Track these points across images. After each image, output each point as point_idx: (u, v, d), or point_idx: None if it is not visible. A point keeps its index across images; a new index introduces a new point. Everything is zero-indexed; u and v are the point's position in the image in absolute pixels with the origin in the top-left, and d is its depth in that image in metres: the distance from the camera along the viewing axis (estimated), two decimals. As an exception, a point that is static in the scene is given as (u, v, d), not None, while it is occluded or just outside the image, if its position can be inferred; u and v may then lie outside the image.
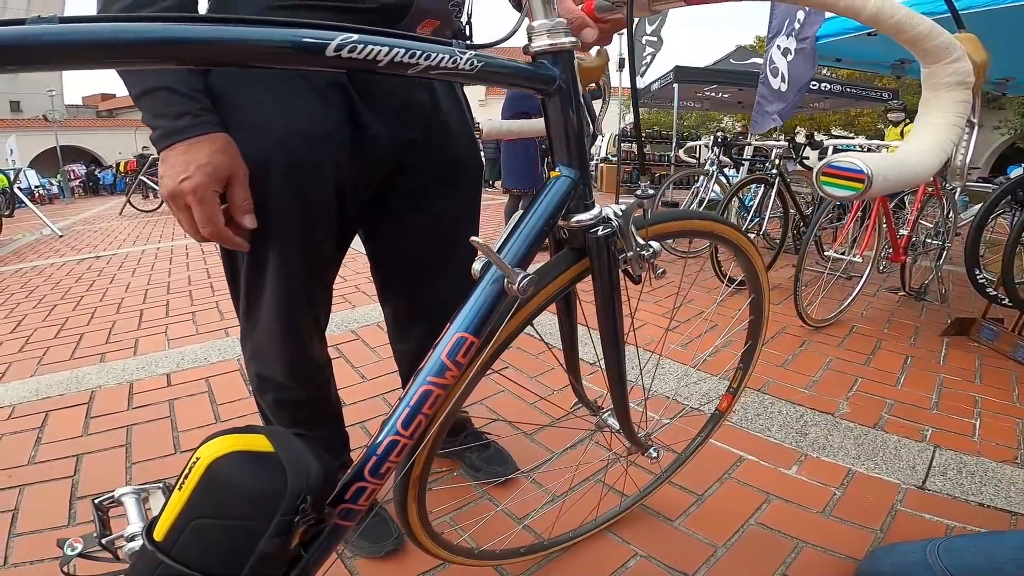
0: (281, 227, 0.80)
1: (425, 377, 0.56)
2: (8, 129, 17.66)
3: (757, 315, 1.05)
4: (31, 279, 3.89)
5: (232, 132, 0.73)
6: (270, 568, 0.49)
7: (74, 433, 1.60)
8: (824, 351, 2.08)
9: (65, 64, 0.35)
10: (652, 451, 0.99)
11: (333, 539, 0.57)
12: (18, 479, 1.36)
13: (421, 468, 0.68)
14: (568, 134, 0.61)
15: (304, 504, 0.47)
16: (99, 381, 1.97)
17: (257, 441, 0.49)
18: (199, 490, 0.46)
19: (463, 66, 0.50)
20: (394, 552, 1.08)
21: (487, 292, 0.57)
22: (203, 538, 0.47)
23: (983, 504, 1.21)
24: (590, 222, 0.64)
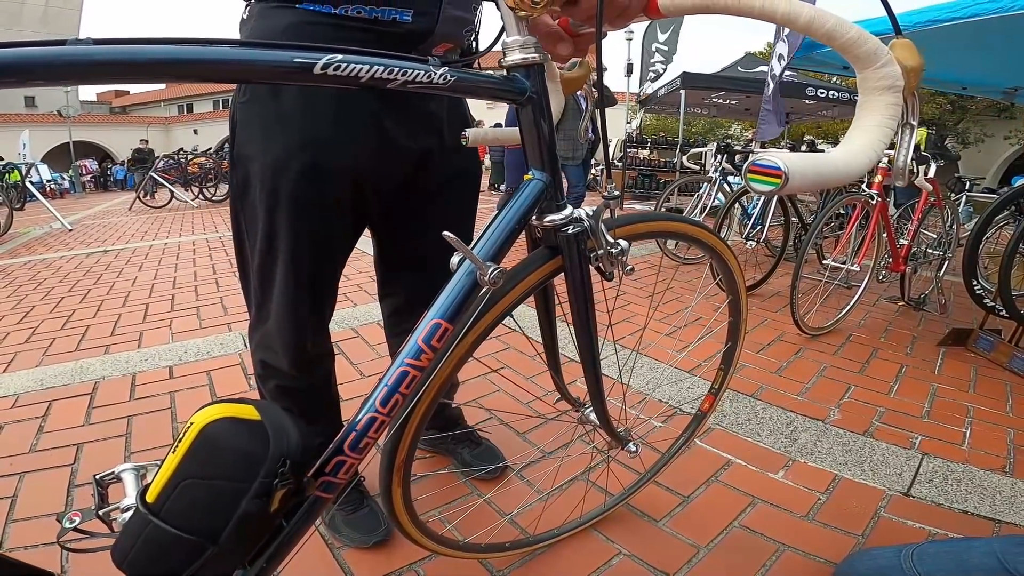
0: (295, 225, 0.86)
1: (403, 359, 0.60)
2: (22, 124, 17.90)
3: (735, 316, 1.07)
4: (40, 271, 3.94)
5: (261, 131, 0.81)
6: (250, 530, 0.53)
7: (76, 423, 1.63)
8: (819, 359, 2.09)
9: (99, 80, 0.40)
10: (631, 445, 1.02)
11: (313, 511, 0.60)
12: (18, 467, 1.39)
13: (406, 452, 0.71)
14: (540, 141, 0.65)
15: (284, 468, 0.51)
16: (103, 372, 2.01)
17: (246, 410, 0.53)
18: (191, 452, 0.50)
19: (437, 80, 0.54)
20: (382, 543, 1.10)
21: (461, 283, 0.61)
22: (190, 498, 0.50)
23: (967, 512, 1.21)
24: (561, 221, 0.68)
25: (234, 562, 0.56)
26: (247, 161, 0.86)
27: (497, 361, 2.00)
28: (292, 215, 0.86)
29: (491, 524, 1.17)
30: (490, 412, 1.62)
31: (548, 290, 0.84)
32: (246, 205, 0.89)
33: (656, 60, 7.58)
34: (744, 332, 1.11)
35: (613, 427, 0.99)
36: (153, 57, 0.42)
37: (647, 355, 2.07)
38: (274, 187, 0.84)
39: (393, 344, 1.26)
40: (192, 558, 0.51)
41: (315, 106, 0.82)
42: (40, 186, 9.63)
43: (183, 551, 0.50)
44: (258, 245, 0.90)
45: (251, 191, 0.87)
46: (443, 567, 1.06)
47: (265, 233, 0.88)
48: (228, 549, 0.52)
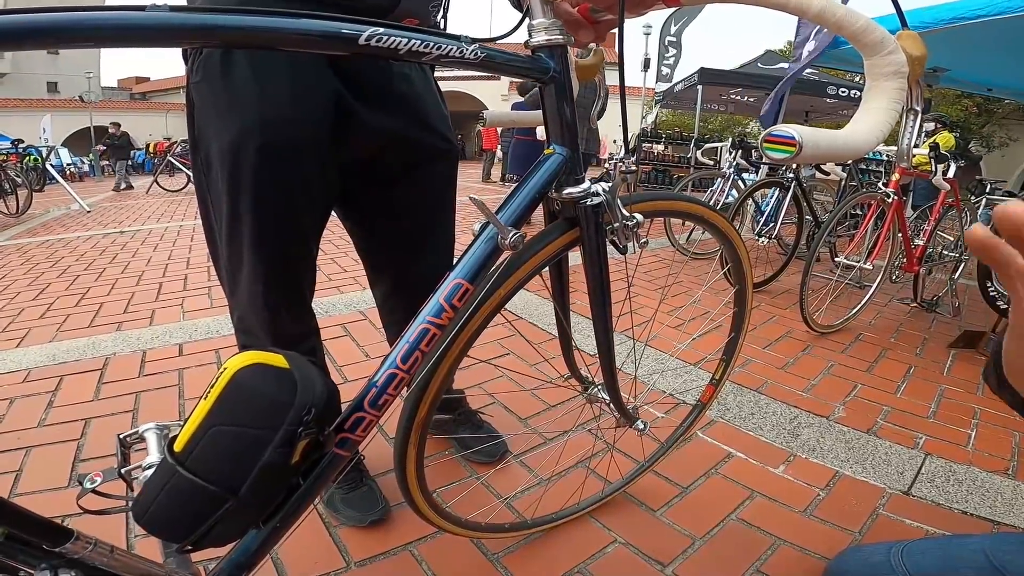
0: (257, 206, 0.87)
1: (424, 317, 0.62)
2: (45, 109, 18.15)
3: (740, 306, 1.06)
4: (57, 250, 4.02)
5: (215, 112, 0.82)
6: (271, 483, 0.53)
7: (85, 398, 1.67)
8: (827, 356, 2.07)
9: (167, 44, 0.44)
10: (639, 423, 1.03)
11: (330, 469, 0.61)
12: (26, 441, 1.42)
13: (427, 409, 0.72)
14: (561, 118, 0.68)
15: (308, 416, 0.52)
16: (114, 348, 2.04)
17: (276, 358, 0.54)
18: (222, 398, 0.51)
19: (468, 55, 0.56)
20: (378, 523, 1.11)
21: (483, 247, 0.63)
22: (217, 447, 0.51)
23: (966, 512, 1.20)
24: (580, 194, 0.70)
25: (250, 519, 0.57)
26: (207, 143, 0.86)
27: (502, 347, 2.00)
28: (253, 196, 0.86)
29: (489, 507, 1.18)
30: (491, 396, 1.63)
31: (563, 266, 0.87)
32: (210, 187, 0.90)
33: (671, 55, 7.52)
34: (748, 323, 1.10)
35: (623, 402, 1.00)
36: (219, 24, 0.45)
37: (651, 346, 2.06)
38: (234, 169, 0.84)
39: (391, 332, 1.26)
40: (211, 511, 0.51)
41: (270, 85, 0.82)
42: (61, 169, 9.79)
43: (204, 503, 0.51)
44: (224, 227, 0.91)
45: (212, 173, 0.88)
46: (437, 548, 1.07)
47: (229, 215, 0.89)
48: (247, 503, 0.52)
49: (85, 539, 0.50)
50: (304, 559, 1.04)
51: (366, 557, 1.05)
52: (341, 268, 3.22)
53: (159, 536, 0.53)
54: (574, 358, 1.02)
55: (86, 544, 0.50)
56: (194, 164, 0.92)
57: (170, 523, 0.52)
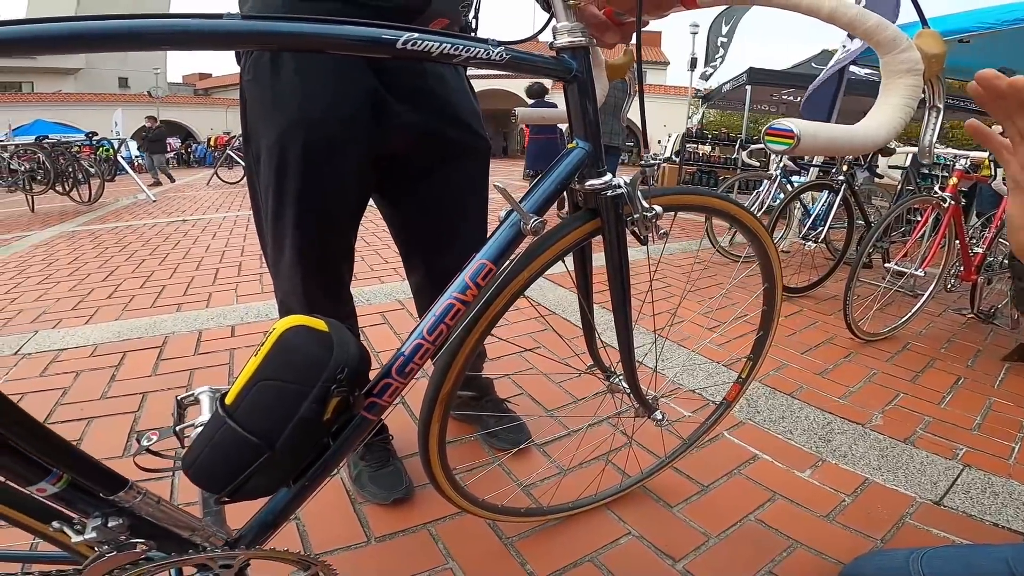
0: (298, 196, 0.94)
1: (450, 293, 0.66)
2: (116, 103, 19.32)
3: (769, 305, 1.06)
4: (125, 236, 4.31)
5: (264, 109, 0.90)
6: (304, 438, 0.59)
7: (145, 373, 1.80)
8: (870, 364, 2.00)
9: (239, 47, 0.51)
10: (658, 413, 1.05)
11: (357, 432, 0.66)
12: (88, 412, 1.55)
13: (451, 384, 0.76)
14: (584, 114, 0.72)
15: (341, 375, 0.57)
16: (173, 328, 2.20)
17: (319, 323, 0.60)
18: (270, 354, 0.57)
19: (495, 57, 0.60)
20: (401, 501, 1.17)
21: (507, 231, 0.68)
22: (262, 400, 0.57)
23: (997, 524, 1.16)
24: (601, 186, 0.74)
25: (282, 474, 0.62)
26: (257, 138, 0.94)
27: (533, 341, 2.04)
28: (296, 189, 0.93)
29: (506, 491, 1.21)
30: (520, 387, 1.67)
31: (586, 255, 0.90)
32: (259, 179, 0.98)
33: (718, 55, 7.32)
34: (777, 322, 1.09)
35: (642, 392, 1.02)
36: (281, 31, 0.50)
37: (683, 345, 2.05)
38: (280, 163, 0.92)
39: None
40: (250, 462, 0.56)
41: (314, 84, 0.89)
42: (129, 161, 10.39)
43: (244, 454, 0.56)
44: (269, 217, 0.98)
45: (261, 165, 0.95)
46: (455, 529, 1.12)
47: (274, 206, 0.96)
48: (281, 456, 0.57)
49: (137, 489, 0.56)
50: (328, 532, 1.11)
51: (386, 533, 1.11)
52: (383, 259, 3.33)
53: (201, 486, 0.59)
54: (597, 348, 1.04)
55: (137, 494, 0.56)
56: (246, 157, 1.01)
57: (213, 473, 0.58)
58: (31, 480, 0.49)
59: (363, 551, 1.06)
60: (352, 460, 1.26)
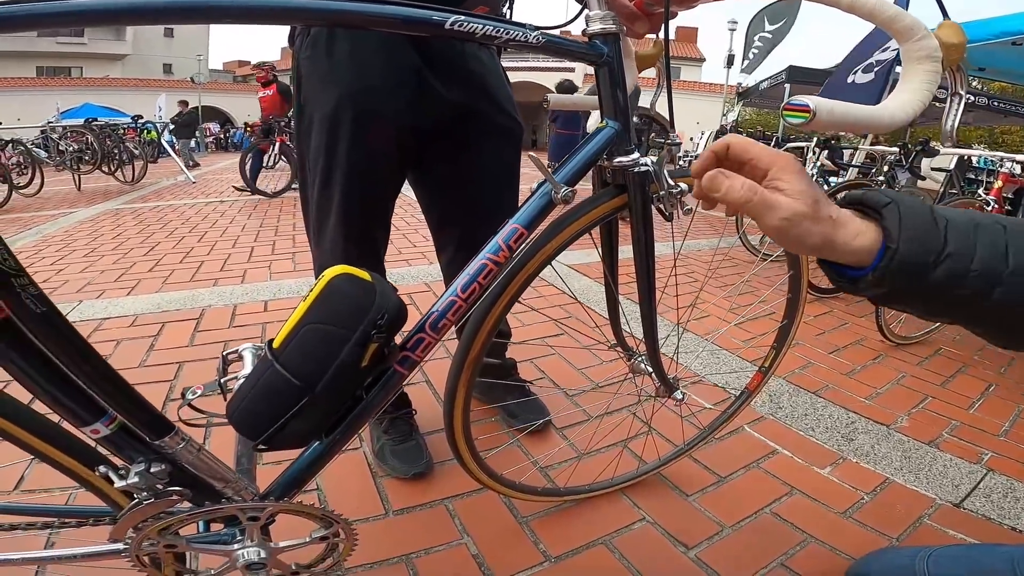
0: (348, 164, 1.00)
1: (484, 254, 0.70)
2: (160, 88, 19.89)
3: (795, 293, 1.06)
4: (166, 214, 4.47)
5: (320, 83, 0.96)
6: (342, 384, 0.62)
7: (182, 343, 1.89)
8: (899, 367, 1.96)
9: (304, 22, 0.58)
10: (678, 393, 1.07)
11: (389, 386, 0.69)
12: (128, 379, 1.62)
13: (479, 349, 0.80)
14: (614, 96, 0.75)
15: (382, 321, 0.60)
16: (210, 301, 2.29)
17: (364, 273, 0.64)
18: (319, 298, 0.61)
19: (531, 40, 0.64)
20: (421, 476, 1.21)
21: (538, 200, 0.71)
22: (308, 343, 0.60)
23: (1016, 528, 1.14)
24: (629, 163, 0.77)
25: (317, 422, 0.65)
26: (311, 109, 1.00)
27: (557, 327, 2.05)
28: (346, 157, 0.99)
29: (523, 467, 1.24)
30: (542, 372, 1.69)
31: (612, 231, 0.93)
32: (310, 149, 1.04)
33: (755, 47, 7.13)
34: (802, 311, 1.09)
35: (663, 371, 1.04)
36: (342, 9, 0.54)
37: (708, 339, 2.04)
38: (331, 132, 0.98)
39: None
40: (290, 406, 0.59)
41: (365, 60, 0.95)
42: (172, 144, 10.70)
43: (286, 398, 0.59)
44: (317, 183, 1.04)
45: (313, 136, 1.01)
46: (471, 506, 1.15)
47: (323, 173, 1.02)
48: (320, 401, 0.60)
49: (181, 435, 0.60)
50: (348, 503, 1.15)
51: (404, 507, 1.14)
52: (412, 244, 3.39)
53: (242, 431, 0.62)
54: (621, 326, 1.06)
55: (181, 439, 0.60)
56: (298, 128, 1.06)
57: (254, 418, 0.61)
58: (87, 420, 0.54)
59: (381, 523, 1.10)
60: (376, 433, 1.30)
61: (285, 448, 0.63)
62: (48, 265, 2.92)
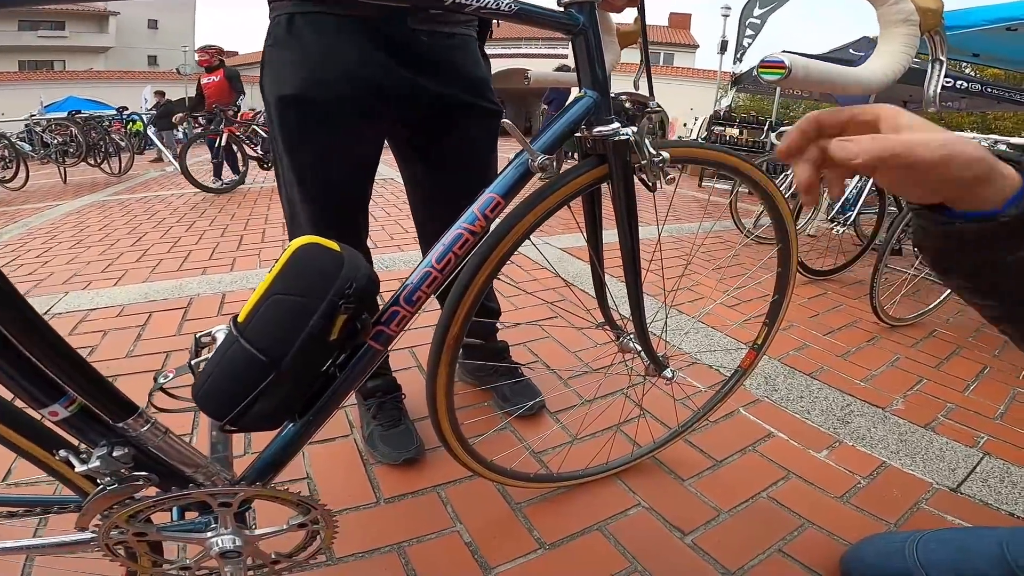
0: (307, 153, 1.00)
1: (460, 224, 0.68)
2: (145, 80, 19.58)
3: (784, 266, 1.04)
4: (153, 205, 4.40)
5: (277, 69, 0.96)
6: (310, 358, 0.59)
7: (169, 332, 1.85)
8: (894, 349, 1.95)
9: None
10: (668, 372, 1.05)
11: (364, 363, 0.66)
12: (113, 369, 1.58)
13: (458, 327, 0.77)
14: (591, 65, 0.74)
15: (350, 290, 0.58)
16: (198, 290, 2.25)
17: (333, 244, 0.61)
18: (284, 268, 0.58)
19: (503, 8, 0.63)
20: (412, 462, 1.19)
21: (515, 169, 0.71)
22: (272, 315, 0.57)
23: (1013, 514, 1.12)
24: (609, 132, 0.75)
25: (287, 400, 0.61)
26: (271, 97, 0.98)
27: (552, 310, 2.03)
28: (303, 143, 0.98)
29: (514, 453, 1.22)
30: (536, 355, 1.66)
31: (595, 205, 0.91)
32: (274, 137, 1.02)
33: (747, 35, 7.05)
34: (792, 285, 1.08)
35: (652, 348, 1.02)
36: None
37: (702, 321, 2.02)
38: (281, 119, 0.97)
39: None
40: (256, 382, 0.56)
41: (324, 48, 0.93)
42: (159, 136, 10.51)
43: (252, 373, 0.56)
44: (284, 170, 1.04)
45: (273, 123, 1.00)
46: (464, 493, 1.13)
47: (286, 158, 1.01)
48: (287, 377, 0.57)
49: (146, 417, 0.57)
50: (339, 491, 1.13)
51: (396, 495, 1.12)
52: (403, 229, 3.36)
53: (208, 412, 0.59)
54: (608, 304, 1.04)
55: (145, 422, 0.56)
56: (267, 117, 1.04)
57: (220, 396, 0.58)
58: (44, 402, 0.50)
59: (372, 511, 1.08)
60: (365, 419, 1.28)
61: (255, 429, 0.61)
62: (34, 257, 2.86)
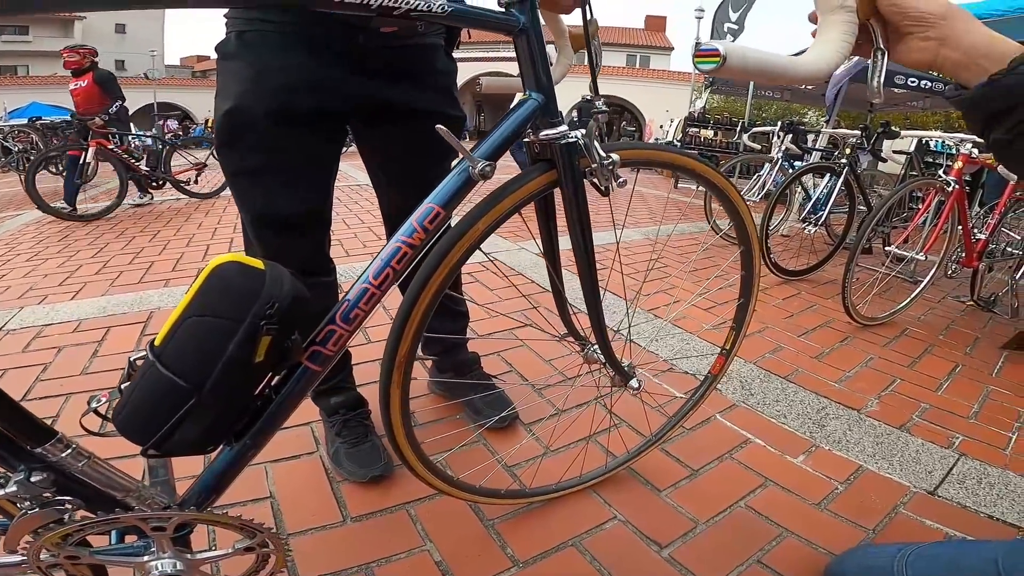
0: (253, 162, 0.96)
1: (398, 237, 0.65)
2: (113, 84, 19.11)
3: (748, 270, 1.02)
4: (117, 214, 4.25)
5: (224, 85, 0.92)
6: (234, 382, 0.56)
7: (128, 348, 1.77)
8: (867, 349, 1.97)
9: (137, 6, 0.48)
10: (634, 381, 1.02)
11: (302, 382, 0.64)
12: (67, 387, 1.51)
13: (407, 347, 0.74)
14: (534, 66, 0.71)
15: (271, 310, 0.55)
16: (159, 303, 2.16)
17: (255, 261, 0.58)
18: (201, 289, 0.55)
19: (435, 9, 0.60)
20: (380, 479, 1.14)
21: (456, 177, 0.67)
22: (190, 338, 0.55)
23: (992, 516, 1.12)
24: (556, 136, 0.73)
25: (213, 426, 0.59)
26: (219, 107, 0.94)
27: (526, 318, 1.99)
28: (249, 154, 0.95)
29: (489, 470, 1.18)
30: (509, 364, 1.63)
31: (549, 213, 0.87)
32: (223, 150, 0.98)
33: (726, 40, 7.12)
34: (757, 287, 1.06)
35: (616, 359, 0.99)
36: None
37: (675, 324, 2.01)
38: (233, 128, 0.92)
39: None
40: (177, 407, 0.54)
41: (271, 61, 0.90)
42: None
43: (172, 399, 0.54)
44: (232, 182, 1.00)
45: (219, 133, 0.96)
46: (435, 510, 1.08)
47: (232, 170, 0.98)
48: (209, 401, 0.55)
49: (66, 442, 0.53)
50: (303, 510, 1.08)
51: (363, 513, 1.08)
52: (377, 236, 3.30)
53: (128, 437, 0.56)
54: (570, 315, 1.01)
55: (65, 447, 0.53)
56: None
57: (139, 422, 0.56)
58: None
59: (338, 531, 1.04)
60: (329, 436, 1.23)
61: (181, 454, 0.58)
62: (-12, 271, 2.73)
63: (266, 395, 0.63)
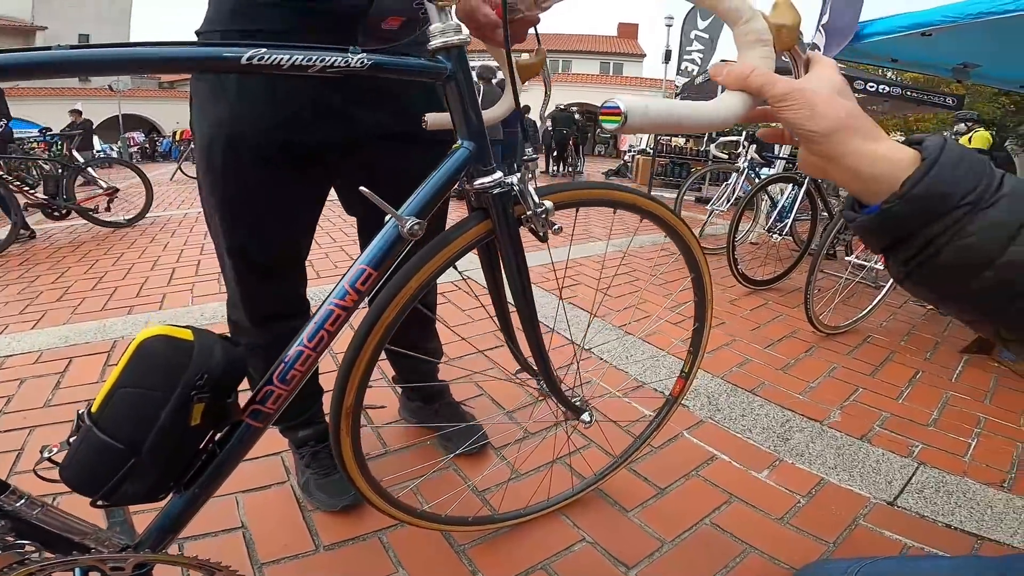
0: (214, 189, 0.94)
1: (330, 299, 0.66)
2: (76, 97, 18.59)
3: (700, 295, 1.04)
4: (80, 235, 4.14)
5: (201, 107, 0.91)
6: (172, 444, 0.59)
7: (91, 379, 1.72)
8: (830, 358, 2.02)
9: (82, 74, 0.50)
10: (586, 416, 1.03)
11: (246, 439, 0.66)
12: (31, 420, 1.47)
13: (353, 397, 0.74)
14: (465, 113, 0.70)
15: (201, 381, 0.57)
16: (123, 331, 2.11)
17: (182, 332, 0.60)
18: (130, 362, 0.58)
19: (355, 65, 0.60)
20: (350, 508, 1.13)
21: (386, 235, 0.67)
22: (122, 407, 0.57)
23: (950, 526, 1.16)
24: (489, 184, 0.72)
25: (157, 481, 0.61)
26: (194, 138, 0.95)
27: (496, 339, 2.00)
28: (224, 187, 0.94)
29: (458, 497, 1.18)
30: (446, 358, 1.63)
31: (492, 257, 0.86)
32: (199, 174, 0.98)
33: (694, 49, 7.21)
34: (711, 312, 1.08)
35: (566, 397, 1.00)
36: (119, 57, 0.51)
37: (646, 341, 2.04)
38: (207, 160, 0.92)
39: None
40: (118, 467, 0.56)
41: (247, 86, 0.88)
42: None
43: (112, 460, 0.56)
44: (206, 214, 1.00)
45: (195, 165, 0.97)
46: (406, 537, 1.08)
47: (207, 202, 0.97)
48: (149, 462, 0.57)
49: (19, 493, 0.57)
50: (275, 540, 1.07)
51: (335, 541, 1.07)
52: (349, 257, 3.26)
53: (77, 491, 0.59)
54: (520, 351, 1.01)
55: (19, 498, 0.56)
56: None
57: (84, 478, 0.58)
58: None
59: (311, 560, 1.04)
60: (299, 467, 1.22)
61: (130, 504, 0.61)
62: (-54, 300, 2.63)
63: (211, 449, 0.65)
